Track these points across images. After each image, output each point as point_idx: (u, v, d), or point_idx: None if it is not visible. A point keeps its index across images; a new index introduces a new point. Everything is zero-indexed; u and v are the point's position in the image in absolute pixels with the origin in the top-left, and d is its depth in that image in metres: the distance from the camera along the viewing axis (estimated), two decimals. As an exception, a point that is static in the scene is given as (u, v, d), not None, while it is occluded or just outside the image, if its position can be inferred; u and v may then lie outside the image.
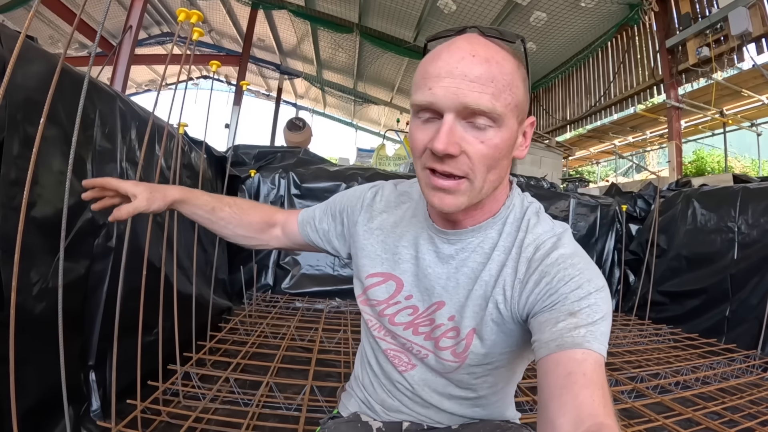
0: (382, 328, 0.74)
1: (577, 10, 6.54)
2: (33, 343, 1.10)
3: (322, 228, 0.84)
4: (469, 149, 0.55)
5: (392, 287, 0.72)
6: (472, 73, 0.53)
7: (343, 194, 0.84)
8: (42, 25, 8.09)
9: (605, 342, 0.52)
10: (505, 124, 0.56)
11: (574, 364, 0.49)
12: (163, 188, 0.82)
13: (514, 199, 0.68)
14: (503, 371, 0.70)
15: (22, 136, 1.05)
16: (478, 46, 0.56)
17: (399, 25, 8.22)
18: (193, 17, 1.20)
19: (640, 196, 3.97)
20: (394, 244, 0.73)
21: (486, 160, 0.56)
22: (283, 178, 3.43)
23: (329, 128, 24.89)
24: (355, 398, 0.82)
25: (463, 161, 0.56)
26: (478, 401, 0.72)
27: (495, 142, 0.56)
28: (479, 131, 0.55)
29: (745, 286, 2.71)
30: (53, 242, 1.14)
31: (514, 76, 0.57)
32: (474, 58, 0.54)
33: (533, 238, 0.63)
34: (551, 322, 0.53)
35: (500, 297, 0.62)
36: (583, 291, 0.54)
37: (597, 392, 0.46)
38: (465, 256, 0.66)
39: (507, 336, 0.64)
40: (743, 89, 5.73)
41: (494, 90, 0.54)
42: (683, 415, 1.63)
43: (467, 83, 0.53)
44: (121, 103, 1.58)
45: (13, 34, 1.06)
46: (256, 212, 0.88)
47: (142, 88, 13.02)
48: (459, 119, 0.55)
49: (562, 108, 9.23)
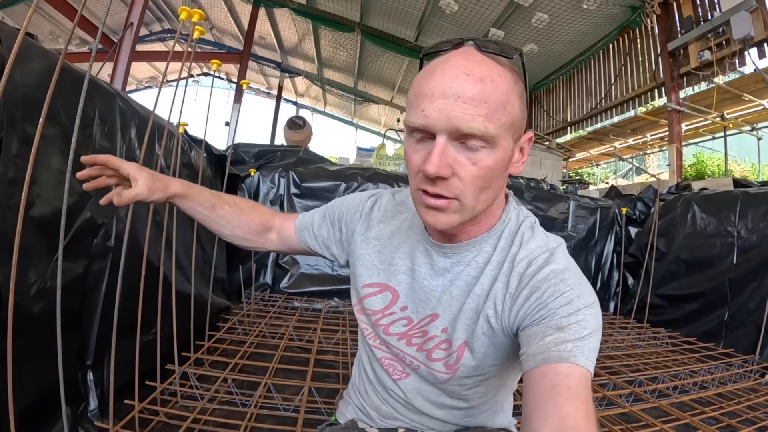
0: (377, 337, 0.75)
1: (578, 12, 6.54)
2: (30, 342, 1.09)
3: (321, 234, 0.83)
4: (460, 171, 0.55)
5: (388, 298, 0.72)
6: (466, 93, 0.53)
7: (342, 201, 0.84)
8: (42, 21, 8.07)
9: (593, 358, 0.52)
10: (499, 145, 0.56)
11: (559, 377, 0.49)
12: (166, 179, 0.79)
13: (510, 213, 0.68)
14: (494, 381, 0.70)
15: (20, 135, 1.05)
16: (473, 63, 0.55)
17: (400, 24, 8.20)
18: (195, 16, 1.20)
19: (640, 198, 3.97)
20: (390, 255, 0.73)
21: (478, 181, 0.56)
22: (282, 177, 3.43)
23: (329, 127, 24.86)
24: (353, 405, 0.82)
25: (454, 183, 0.56)
26: (469, 411, 0.73)
27: (488, 163, 0.55)
28: (472, 152, 0.55)
29: (743, 291, 2.71)
30: (51, 242, 1.13)
31: (510, 93, 0.56)
32: (468, 77, 0.53)
33: (526, 253, 0.63)
34: (539, 336, 0.54)
35: (491, 311, 0.63)
36: (573, 307, 0.54)
37: (581, 406, 0.47)
38: (459, 270, 0.66)
39: (497, 349, 0.64)
40: (744, 93, 5.73)
41: (487, 111, 0.53)
42: (681, 420, 1.64)
43: (460, 105, 0.53)
44: (120, 102, 1.57)
45: (12, 31, 1.06)
46: (255, 214, 0.87)
47: (142, 85, 12.99)
48: (451, 140, 0.55)
49: (562, 110, 9.22)
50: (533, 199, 3.81)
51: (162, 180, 0.78)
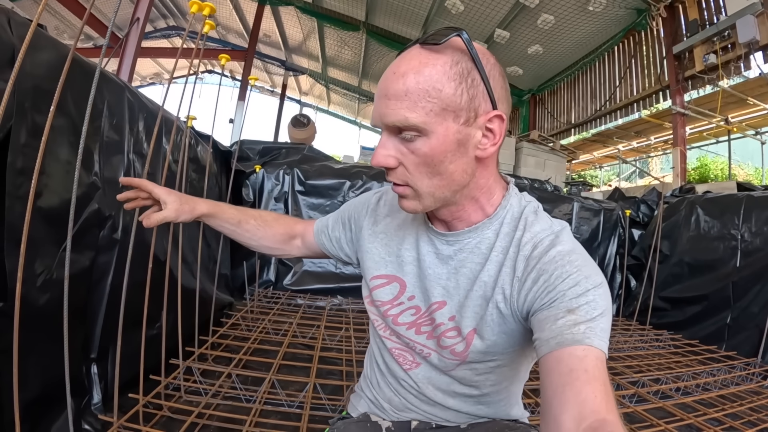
0: (387, 327, 0.76)
1: (584, 14, 6.54)
2: (35, 334, 1.09)
3: (335, 236, 0.87)
4: (404, 160, 0.60)
5: (396, 288, 0.74)
6: (389, 91, 0.57)
7: (351, 202, 0.89)
8: (47, 16, 8.08)
9: (606, 338, 0.52)
10: (433, 131, 0.57)
11: (575, 360, 0.49)
12: (193, 201, 0.85)
13: (511, 199, 0.69)
14: (506, 370, 0.70)
15: (30, 125, 1.04)
16: (402, 61, 0.58)
17: (406, 24, 8.20)
18: (206, 9, 1.19)
19: (644, 201, 3.96)
20: (397, 247, 0.75)
21: (421, 167, 0.59)
22: (287, 174, 3.42)
23: (333, 126, 24.83)
24: (365, 399, 0.83)
25: (401, 172, 0.61)
26: (482, 398, 0.73)
27: (424, 151, 0.58)
28: (409, 143, 0.59)
29: (746, 294, 2.70)
30: (58, 233, 1.13)
31: (438, 79, 0.56)
32: (394, 75, 0.57)
33: (531, 236, 0.63)
34: (551, 320, 0.54)
35: (500, 297, 0.63)
36: (581, 288, 0.55)
37: (599, 388, 0.47)
38: (463, 257, 0.67)
39: (508, 336, 0.64)
40: (749, 97, 5.72)
41: (408, 103, 0.56)
42: (684, 421, 1.63)
43: (385, 102, 0.57)
44: (129, 95, 1.57)
45: (23, 21, 1.06)
46: (279, 224, 0.93)
47: (146, 81, 13.04)
48: (391, 135, 0.60)
49: (567, 111, 9.22)
50: (537, 200, 3.79)
51: (189, 202, 0.84)
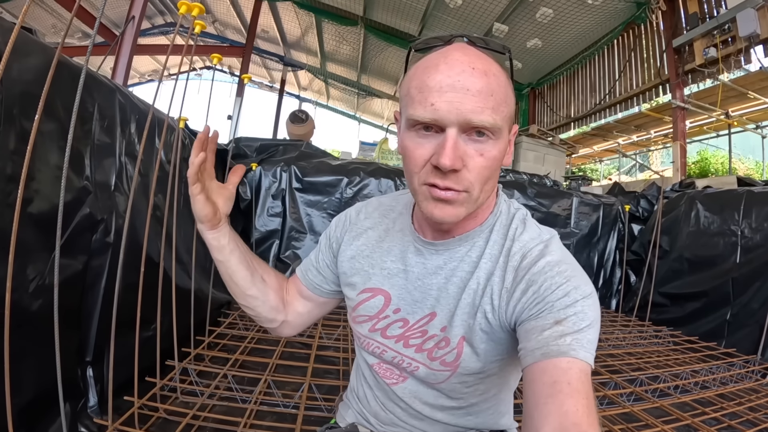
0: (372, 343, 0.74)
1: (583, 7, 6.48)
2: (29, 339, 1.09)
3: (323, 264, 0.81)
4: (470, 163, 0.56)
5: (380, 302, 0.71)
6: (474, 87, 0.54)
7: (328, 226, 0.84)
8: (45, 14, 8.06)
9: (592, 350, 0.51)
10: (502, 136, 0.58)
11: (559, 372, 0.48)
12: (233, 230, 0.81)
13: (501, 206, 0.68)
14: (495, 379, 0.69)
15: (18, 131, 1.03)
16: (474, 58, 0.56)
17: (404, 18, 8.15)
18: (195, 10, 1.18)
19: (644, 196, 3.94)
20: (381, 259, 0.72)
21: (485, 171, 0.58)
22: (284, 171, 3.40)
23: (332, 121, 24.77)
24: (352, 409, 0.82)
25: (464, 175, 0.57)
26: (470, 409, 0.72)
27: (493, 153, 0.57)
28: (480, 144, 0.56)
29: (746, 291, 2.69)
30: (50, 238, 1.12)
31: (508, 88, 0.58)
32: (474, 71, 0.55)
33: (520, 246, 0.63)
34: (537, 330, 0.53)
35: (488, 306, 0.62)
36: (570, 299, 0.54)
37: (582, 401, 0.46)
38: (453, 266, 0.66)
39: (497, 344, 0.64)
40: (749, 91, 5.69)
41: (494, 104, 0.55)
42: (682, 421, 1.63)
43: (470, 97, 0.54)
44: (120, 96, 1.56)
45: (9, 26, 1.04)
46: (275, 289, 0.82)
47: (145, 78, 12.99)
48: (460, 133, 0.56)
49: (566, 105, 9.17)
50: (536, 195, 3.78)
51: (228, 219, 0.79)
